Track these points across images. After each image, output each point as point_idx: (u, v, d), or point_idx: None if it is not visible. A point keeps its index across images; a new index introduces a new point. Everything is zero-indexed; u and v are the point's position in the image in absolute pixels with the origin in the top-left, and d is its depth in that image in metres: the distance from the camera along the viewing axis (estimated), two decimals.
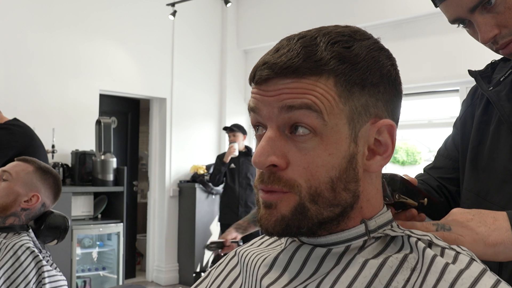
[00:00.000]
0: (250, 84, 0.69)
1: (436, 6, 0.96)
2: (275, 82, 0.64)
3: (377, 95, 0.65)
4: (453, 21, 0.95)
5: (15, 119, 2.67)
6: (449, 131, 1.16)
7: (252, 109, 0.67)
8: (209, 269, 0.82)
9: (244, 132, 4.95)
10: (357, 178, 0.65)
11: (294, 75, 0.62)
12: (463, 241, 0.73)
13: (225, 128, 4.97)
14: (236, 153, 4.82)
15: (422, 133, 5.70)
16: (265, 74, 0.64)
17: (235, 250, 0.80)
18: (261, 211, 0.67)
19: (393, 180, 0.78)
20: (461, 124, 1.07)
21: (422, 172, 1.16)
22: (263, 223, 0.66)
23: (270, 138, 0.64)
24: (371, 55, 0.65)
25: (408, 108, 5.17)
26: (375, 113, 0.66)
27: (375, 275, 0.61)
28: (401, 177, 0.80)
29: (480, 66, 1.12)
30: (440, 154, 1.13)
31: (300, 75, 0.62)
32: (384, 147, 0.67)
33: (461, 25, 0.96)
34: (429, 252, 0.61)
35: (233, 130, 4.89)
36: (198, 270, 5.44)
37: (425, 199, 0.82)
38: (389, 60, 0.68)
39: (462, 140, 1.05)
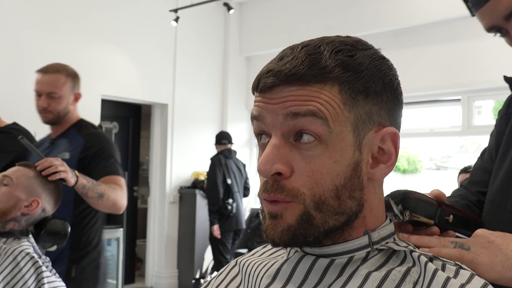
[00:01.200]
0: (253, 93, 0.69)
1: (472, 14, 0.94)
2: (279, 90, 0.64)
3: (380, 104, 0.66)
4: (489, 29, 0.93)
5: (14, 123, 2.68)
6: (450, 140, 1.15)
7: (255, 118, 0.67)
8: (210, 278, 0.82)
9: (216, 141, 5.01)
10: (362, 186, 0.65)
11: (299, 83, 0.63)
12: (480, 261, 0.71)
13: None
14: None
15: (423, 141, 5.69)
16: (270, 82, 0.64)
17: (236, 259, 0.80)
18: (266, 222, 0.66)
19: (405, 198, 0.75)
20: (496, 134, 1.04)
21: (459, 187, 1.11)
22: (269, 234, 0.65)
23: (275, 145, 0.64)
24: (373, 64, 0.66)
25: (410, 117, 5.17)
26: (378, 121, 0.66)
27: (378, 287, 0.61)
28: (415, 193, 0.76)
29: (481, 76, 1.12)
30: (477, 167, 1.08)
31: (305, 83, 0.63)
32: (387, 156, 0.67)
33: (498, 34, 0.93)
34: (431, 266, 0.61)
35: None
36: (197, 276, 5.43)
37: (451, 216, 0.77)
38: (390, 70, 0.68)
39: (496, 150, 1.02)
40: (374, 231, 0.66)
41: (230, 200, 4.77)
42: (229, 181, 4.81)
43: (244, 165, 5.07)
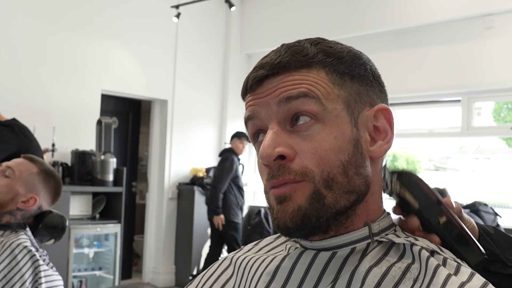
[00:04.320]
0: (244, 98, 0.71)
1: None
2: (268, 82, 0.66)
3: (367, 86, 0.68)
4: None
5: (14, 119, 2.70)
6: (449, 141, 1.11)
7: (249, 118, 0.69)
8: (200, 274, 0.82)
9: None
10: (366, 164, 0.66)
11: (285, 70, 0.65)
12: None
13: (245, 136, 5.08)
14: None
15: (422, 142, 5.69)
16: (260, 74, 0.66)
17: (227, 255, 0.80)
18: (275, 209, 0.65)
19: (405, 173, 0.71)
20: None
21: None
22: (280, 219, 0.64)
23: (274, 131, 0.65)
24: (353, 52, 0.69)
25: (409, 117, 5.17)
26: (368, 101, 0.68)
27: (378, 284, 0.61)
28: (416, 176, 0.71)
29: (482, 77, 1.11)
30: None
31: (292, 70, 0.65)
32: (383, 134, 0.68)
33: None
34: (433, 262, 0.61)
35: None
36: (194, 273, 5.43)
37: (443, 217, 0.69)
38: (369, 61, 0.71)
39: None
40: (374, 223, 0.67)
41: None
42: None
43: (218, 162, 5.08)
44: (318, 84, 0.64)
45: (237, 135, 5.06)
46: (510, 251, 0.76)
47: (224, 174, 4.87)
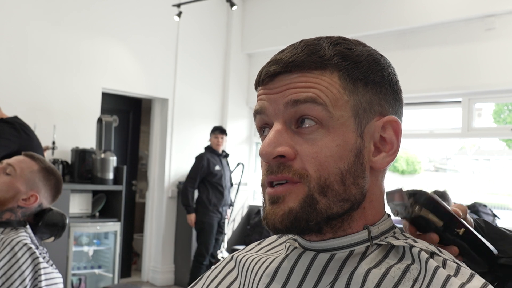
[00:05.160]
0: (256, 88, 0.70)
1: None
2: (281, 78, 0.66)
3: (380, 95, 0.67)
4: None
5: (15, 117, 2.71)
6: (449, 141, 1.11)
7: (258, 112, 0.68)
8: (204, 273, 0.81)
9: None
10: (365, 174, 0.66)
11: (299, 69, 0.65)
12: None
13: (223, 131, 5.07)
14: None
15: (422, 142, 5.70)
16: (272, 70, 0.66)
17: (231, 255, 0.80)
18: (267, 208, 0.66)
19: (418, 194, 0.72)
20: None
21: None
22: (270, 219, 0.65)
23: (277, 130, 0.65)
24: (372, 57, 0.68)
25: (410, 118, 5.17)
26: (379, 111, 0.67)
27: (378, 285, 0.61)
28: (430, 194, 0.72)
29: (482, 78, 1.11)
30: None
31: (305, 69, 0.65)
32: (389, 145, 0.68)
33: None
34: (432, 263, 0.60)
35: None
36: None
37: (462, 229, 0.72)
38: (389, 67, 0.70)
39: None
40: (374, 226, 0.67)
41: None
42: None
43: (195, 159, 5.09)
44: (328, 89, 0.64)
45: (212, 131, 5.11)
46: (500, 242, 0.78)
47: (191, 172, 4.95)
